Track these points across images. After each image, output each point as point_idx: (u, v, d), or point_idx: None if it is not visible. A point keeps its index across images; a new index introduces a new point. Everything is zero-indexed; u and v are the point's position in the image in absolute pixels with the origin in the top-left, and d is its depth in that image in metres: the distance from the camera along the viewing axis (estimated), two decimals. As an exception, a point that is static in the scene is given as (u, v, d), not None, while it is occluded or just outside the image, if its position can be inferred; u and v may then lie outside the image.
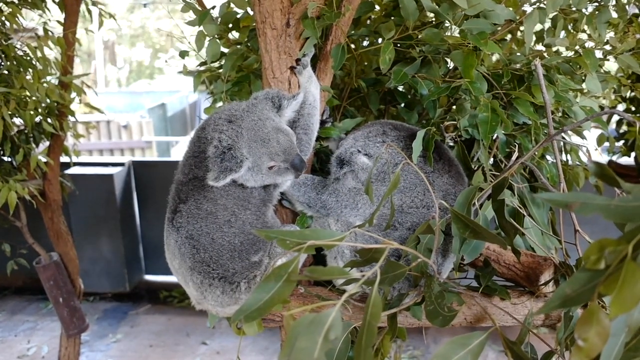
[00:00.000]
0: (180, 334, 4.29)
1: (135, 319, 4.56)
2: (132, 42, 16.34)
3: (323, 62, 1.55)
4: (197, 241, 1.35)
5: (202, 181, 1.35)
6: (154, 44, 16.01)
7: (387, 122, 1.51)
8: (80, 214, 4.73)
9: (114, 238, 4.83)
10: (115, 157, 6.45)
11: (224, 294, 1.36)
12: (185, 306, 4.70)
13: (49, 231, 3.20)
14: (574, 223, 1.35)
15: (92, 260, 4.78)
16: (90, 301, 4.79)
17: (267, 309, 0.85)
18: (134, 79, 15.58)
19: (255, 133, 1.31)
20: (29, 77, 2.39)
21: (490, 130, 1.33)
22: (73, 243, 3.35)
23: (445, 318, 1.02)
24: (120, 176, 4.85)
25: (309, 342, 0.72)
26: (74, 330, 3.28)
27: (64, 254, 3.30)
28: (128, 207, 4.94)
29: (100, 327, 4.44)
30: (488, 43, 1.36)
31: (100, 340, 4.24)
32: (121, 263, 4.84)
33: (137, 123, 8.17)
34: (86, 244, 4.73)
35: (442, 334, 4.24)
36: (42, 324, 4.46)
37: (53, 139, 2.83)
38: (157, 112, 8.78)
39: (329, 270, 0.79)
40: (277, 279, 0.85)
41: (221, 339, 4.21)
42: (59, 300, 3.26)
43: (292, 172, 1.36)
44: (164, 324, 4.46)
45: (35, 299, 4.82)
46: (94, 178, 4.71)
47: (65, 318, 3.26)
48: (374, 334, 0.75)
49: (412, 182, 1.39)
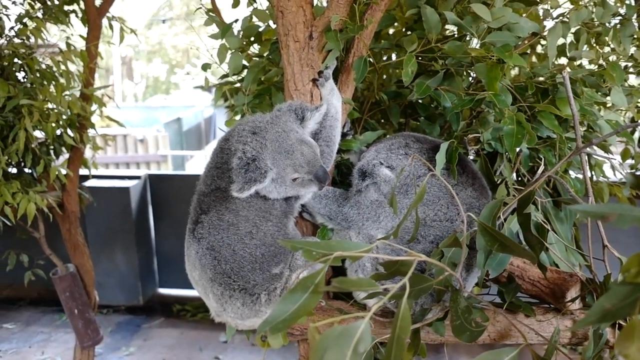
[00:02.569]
0: (193, 349, 4.26)
1: (148, 332, 4.55)
2: (149, 58, 16.59)
3: (345, 74, 1.55)
4: (219, 252, 1.34)
5: (224, 192, 1.35)
6: (170, 59, 16.23)
7: (410, 135, 1.50)
8: (96, 226, 4.76)
9: (128, 251, 4.84)
10: (131, 171, 6.49)
11: (244, 306, 1.35)
12: (198, 320, 4.67)
13: (66, 243, 3.21)
14: (603, 238, 1.32)
15: (106, 272, 4.79)
16: (104, 314, 4.79)
17: (293, 321, 0.83)
18: (150, 94, 15.78)
19: (279, 145, 1.31)
20: (52, 90, 2.42)
21: (516, 143, 1.32)
22: (89, 255, 3.36)
23: (473, 333, 0.99)
24: (137, 189, 4.88)
25: (337, 355, 0.70)
26: (88, 342, 3.28)
27: (80, 266, 3.31)
28: (143, 220, 4.95)
29: (113, 340, 4.43)
30: (513, 55, 1.34)
31: (113, 353, 4.23)
32: (135, 276, 4.84)
33: (153, 137, 8.24)
34: (101, 256, 4.74)
35: (458, 352, 4.16)
36: (57, 335, 4.46)
37: (73, 151, 2.86)
38: (173, 127, 8.86)
39: (357, 281, 0.78)
40: (303, 290, 0.83)
41: (234, 354, 4.17)
42: (74, 311, 3.26)
43: (315, 183, 1.36)
44: (176, 337, 4.43)
45: (50, 311, 4.83)
46: (110, 191, 4.74)
47: (80, 330, 3.26)
48: (403, 348, 0.73)
49: (435, 194, 1.38)
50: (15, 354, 4.20)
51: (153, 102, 14.03)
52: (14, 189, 2.41)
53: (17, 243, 3.31)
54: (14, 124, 2.36)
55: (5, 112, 2.33)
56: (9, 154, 2.35)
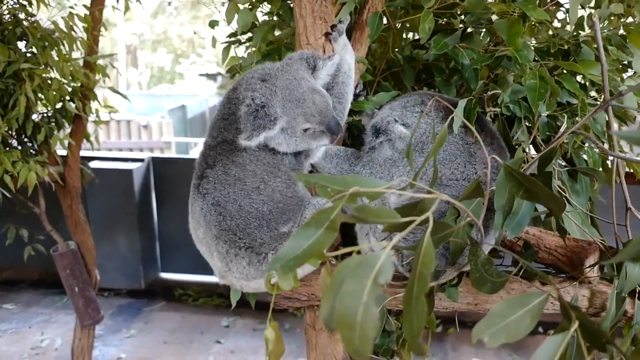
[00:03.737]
0: (194, 332, 4.22)
1: (149, 315, 4.51)
2: (154, 48, 16.52)
3: (359, 32, 1.49)
4: (224, 208, 1.28)
5: (231, 145, 1.29)
6: (175, 49, 16.17)
7: (426, 93, 1.44)
8: (98, 209, 4.71)
9: (131, 234, 4.80)
10: (135, 153, 6.44)
11: (250, 265, 1.29)
12: (200, 305, 4.63)
13: (67, 219, 3.16)
14: (627, 200, 1.26)
15: (108, 255, 4.75)
16: (105, 296, 4.75)
17: (305, 258, 0.78)
18: (155, 83, 15.72)
19: (290, 92, 1.25)
20: (54, 56, 2.35)
21: (539, 97, 1.25)
22: (90, 233, 3.31)
23: (495, 284, 0.94)
24: (140, 172, 4.83)
25: (356, 284, 0.65)
26: (88, 321, 3.23)
27: (81, 243, 3.25)
28: (146, 203, 4.91)
29: (114, 322, 4.39)
30: (536, 9, 1.28)
31: (113, 335, 4.19)
32: (137, 259, 4.80)
33: (157, 123, 8.19)
34: (103, 239, 4.69)
35: (461, 341, 4.12)
36: (57, 316, 4.42)
37: (75, 123, 2.80)
38: (177, 114, 8.80)
39: (378, 211, 0.72)
40: (317, 226, 0.77)
41: (235, 338, 4.13)
42: (75, 289, 3.21)
43: (327, 135, 1.30)
44: (178, 321, 4.39)
45: (50, 292, 4.79)
46: (113, 173, 4.69)
47: (80, 308, 3.21)
48: (426, 285, 0.68)
49: (452, 153, 1.32)
50: (14, 334, 4.17)
51: (157, 91, 13.98)
52: (15, 158, 2.36)
53: (17, 220, 3.26)
54: (14, 91, 2.31)
55: (5, 77, 2.28)
56: (8, 120, 2.29)
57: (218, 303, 4.61)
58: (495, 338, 0.71)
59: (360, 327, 0.62)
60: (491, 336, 0.71)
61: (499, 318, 0.73)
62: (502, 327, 0.72)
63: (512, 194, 1.14)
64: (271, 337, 0.83)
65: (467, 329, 4.80)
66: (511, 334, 0.72)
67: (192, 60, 15.83)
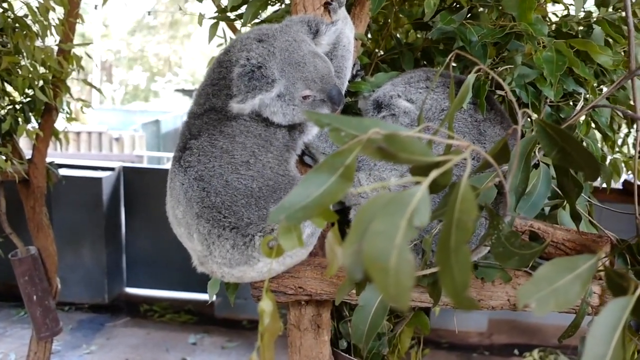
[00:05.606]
0: (159, 349, 3.97)
1: (112, 331, 4.24)
2: (130, 65, 16.30)
3: (359, 7, 1.40)
4: (208, 183, 1.15)
5: (219, 113, 1.16)
6: (151, 67, 15.97)
7: (431, 69, 1.35)
8: (63, 217, 4.47)
9: (96, 245, 4.56)
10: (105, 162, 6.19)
11: (235, 249, 1.15)
12: (166, 321, 4.39)
13: (29, 222, 2.94)
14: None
15: (70, 267, 4.48)
16: (66, 311, 4.46)
17: (315, 209, 0.65)
18: (129, 100, 15.45)
19: (289, 54, 1.13)
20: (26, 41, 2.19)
21: (557, 69, 1.17)
22: (54, 238, 3.09)
23: (524, 256, 0.82)
24: (109, 181, 4.62)
25: (388, 224, 0.52)
26: (45, 333, 2.98)
27: (43, 249, 3.02)
28: (114, 214, 4.69)
29: (73, 337, 4.11)
30: (549, -17, 1.21)
31: (72, 351, 3.91)
32: (102, 272, 4.55)
33: (130, 137, 7.96)
34: (66, 249, 4.43)
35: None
36: (12, 330, 4.12)
37: (43, 118, 2.63)
38: (150, 128, 8.58)
39: (411, 143, 0.60)
40: (330, 171, 0.65)
41: (203, 356, 3.90)
42: (33, 298, 2.97)
43: (328, 105, 1.18)
44: (142, 337, 4.14)
45: (7, 306, 4.48)
46: (81, 180, 4.48)
47: (38, 318, 2.96)
48: (467, 231, 0.56)
49: (460, 130, 1.22)
50: (-37, 349, 3.86)
51: (132, 107, 13.71)
52: (-26, 146, 2.17)
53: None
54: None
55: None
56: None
57: (185, 320, 4.38)
58: (544, 304, 0.60)
59: (394, 273, 0.50)
60: (539, 301, 0.60)
61: (547, 282, 0.62)
62: (550, 292, 0.61)
63: (526, 173, 1.05)
64: (267, 309, 0.70)
65: (441, 350, 4.64)
66: (561, 300, 0.61)
67: (168, 78, 15.65)
